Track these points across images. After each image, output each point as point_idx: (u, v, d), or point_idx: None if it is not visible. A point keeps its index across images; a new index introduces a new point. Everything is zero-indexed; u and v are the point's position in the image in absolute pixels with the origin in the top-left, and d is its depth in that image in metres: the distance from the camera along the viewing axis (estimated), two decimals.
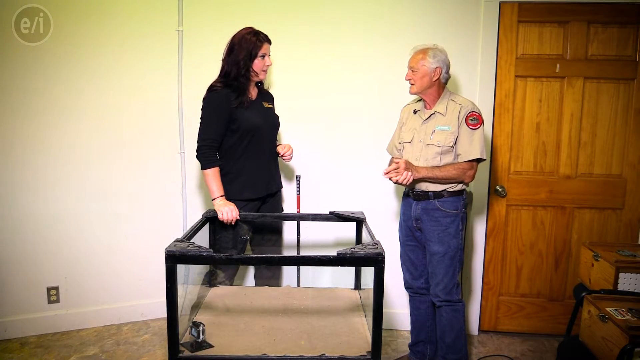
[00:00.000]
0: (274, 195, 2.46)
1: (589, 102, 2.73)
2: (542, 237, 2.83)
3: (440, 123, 2.25)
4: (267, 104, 2.43)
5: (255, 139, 2.31)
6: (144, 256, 2.84)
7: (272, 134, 2.43)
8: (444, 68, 2.26)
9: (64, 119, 2.66)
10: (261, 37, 2.27)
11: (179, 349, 1.50)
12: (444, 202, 2.25)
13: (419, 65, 2.26)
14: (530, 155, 2.79)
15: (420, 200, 2.29)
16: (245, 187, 2.30)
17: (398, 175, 2.12)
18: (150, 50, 2.75)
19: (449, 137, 2.22)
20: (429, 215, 2.27)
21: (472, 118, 2.21)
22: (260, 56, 2.26)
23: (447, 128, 2.23)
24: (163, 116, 2.82)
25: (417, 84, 2.27)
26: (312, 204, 2.82)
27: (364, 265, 1.76)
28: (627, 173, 2.76)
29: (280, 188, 2.51)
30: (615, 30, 2.67)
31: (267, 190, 2.38)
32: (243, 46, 2.23)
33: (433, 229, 2.26)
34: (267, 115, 2.40)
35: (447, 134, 2.22)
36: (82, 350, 2.53)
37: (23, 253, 2.66)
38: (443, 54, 2.28)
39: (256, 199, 2.35)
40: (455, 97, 2.28)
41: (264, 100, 2.42)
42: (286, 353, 1.52)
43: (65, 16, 2.60)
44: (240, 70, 2.24)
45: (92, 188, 2.74)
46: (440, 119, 2.26)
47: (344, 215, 2.21)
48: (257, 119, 2.30)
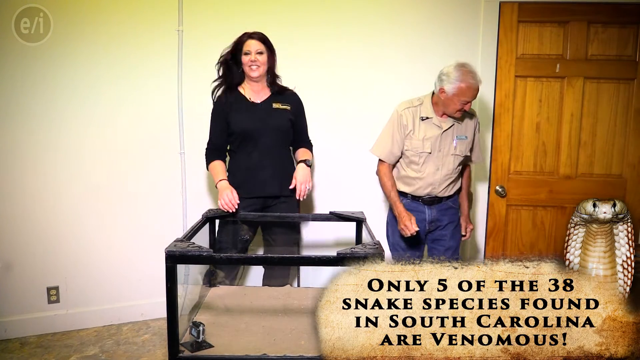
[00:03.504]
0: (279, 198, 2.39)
1: (589, 102, 2.73)
2: (542, 237, 2.83)
3: (459, 132, 2.30)
4: (280, 105, 2.39)
5: (246, 141, 2.33)
6: (144, 256, 2.84)
7: (271, 137, 2.36)
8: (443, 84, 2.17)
9: (64, 119, 2.66)
10: (247, 34, 2.35)
11: (179, 349, 1.50)
12: (454, 200, 2.42)
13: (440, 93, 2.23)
14: (530, 155, 2.80)
15: (434, 204, 2.35)
16: (234, 185, 2.29)
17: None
18: (150, 50, 2.75)
19: (468, 146, 2.33)
20: (444, 214, 2.37)
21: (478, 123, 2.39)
22: (245, 53, 2.32)
23: (465, 137, 2.31)
24: (163, 116, 2.82)
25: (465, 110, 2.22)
26: (312, 204, 2.82)
27: None
28: (627, 173, 2.76)
29: (286, 194, 2.38)
30: (615, 30, 2.67)
31: (259, 193, 2.34)
32: (231, 45, 2.37)
33: (449, 225, 2.39)
34: (270, 117, 2.36)
35: (466, 143, 2.32)
36: (82, 350, 2.53)
37: (23, 253, 2.65)
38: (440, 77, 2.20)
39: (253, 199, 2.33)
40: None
41: (278, 100, 2.40)
42: (286, 353, 1.52)
43: (65, 16, 2.59)
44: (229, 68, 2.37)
45: (92, 188, 2.74)
46: (458, 128, 2.30)
47: (344, 215, 2.21)
48: (248, 123, 2.32)
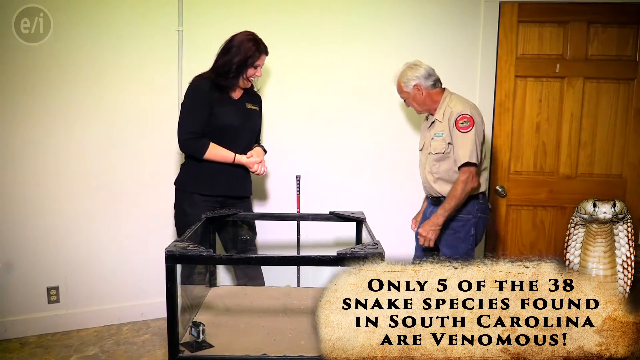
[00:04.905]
0: (242, 199, 2.40)
1: (589, 102, 2.73)
2: (542, 237, 2.83)
3: (438, 130, 2.26)
4: (252, 105, 2.39)
5: (226, 139, 2.26)
6: (144, 256, 2.84)
7: (247, 136, 2.36)
8: (421, 80, 2.26)
9: (64, 119, 2.66)
10: (261, 47, 2.27)
11: (179, 349, 1.50)
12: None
13: (403, 94, 2.34)
14: (530, 155, 2.80)
15: (436, 205, 2.30)
16: (203, 182, 2.26)
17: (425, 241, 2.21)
18: (150, 50, 2.75)
19: (441, 143, 2.23)
20: None
21: (463, 121, 2.16)
22: (254, 66, 2.26)
23: (441, 134, 2.23)
24: (163, 116, 2.82)
25: (415, 107, 2.35)
26: (312, 204, 2.82)
27: None
28: (627, 173, 2.76)
29: (249, 195, 2.46)
30: (615, 30, 2.67)
31: (228, 192, 2.32)
32: (242, 50, 2.23)
33: (442, 231, 2.25)
34: (248, 116, 2.35)
35: (441, 140, 2.23)
36: (82, 350, 2.53)
37: (23, 253, 2.65)
38: (413, 68, 2.28)
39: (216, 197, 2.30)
40: (452, 101, 2.25)
41: (249, 101, 2.38)
42: (286, 353, 1.52)
43: (65, 16, 2.59)
44: (231, 72, 2.23)
45: (92, 188, 2.74)
46: (438, 126, 2.27)
47: (344, 215, 2.21)
48: (233, 119, 2.28)
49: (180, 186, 2.33)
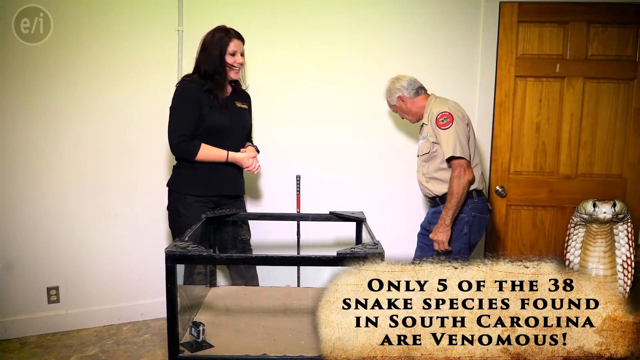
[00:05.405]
0: (235, 199, 2.40)
1: (589, 102, 2.73)
2: (542, 237, 2.83)
3: (425, 132, 2.34)
4: (241, 104, 2.38)
5: (217, 139, 2.26)
6: (144, 256, 2.84)
7: (238, 135, 2.37)
8: (403, 91, 2.36)
9: (64, 119, 2.66)
10: (230, 32, 2.25)
11: (179, 349, 1.50)
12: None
13: (392, 108, 2.49)
14: (530, 155, 2.80)
15: (433, 206, 2.38)
16: (196, 183, 2.26)
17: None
18: (150, 50, 2.75)
19: (427, 144, 2.30)
20: (435, 217, 2.31)
21: (442, 118, 2.21)
22: (230, 53, 2.23)
23: (426, 136, 2.31)
24: (163, 116, 2.81)
25: (407, 118, 2.45)
26: (312, 204, 2.82)
27: None
28: (627, 173, 2.76)
29: (242, 194, 2.46)
30: (615, 30, 2.67)
31: (221, 192, 2.32)
32: (215, 43, 2.23)
33: None
34: (238, 115, 2.35)
35: (426, 141, 2.31)
36: (82, 350, 2.53)
37: (23, 253, 2.65)
38: (394, 82, 2.40)
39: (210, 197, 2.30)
40: (434, 104, 2.31)
41: (238, 99, 2.37)
42: (286, 353, 1.52)
43: (65, 16, 2.59)
44: (216, 67, 2.22)
45: (92, 188, 2.74)
46: (425, 129, 2.34)
47: (344, 215, 2.21)
48: (224, 119, 2.27)
49: (174, 188, 2.33)
